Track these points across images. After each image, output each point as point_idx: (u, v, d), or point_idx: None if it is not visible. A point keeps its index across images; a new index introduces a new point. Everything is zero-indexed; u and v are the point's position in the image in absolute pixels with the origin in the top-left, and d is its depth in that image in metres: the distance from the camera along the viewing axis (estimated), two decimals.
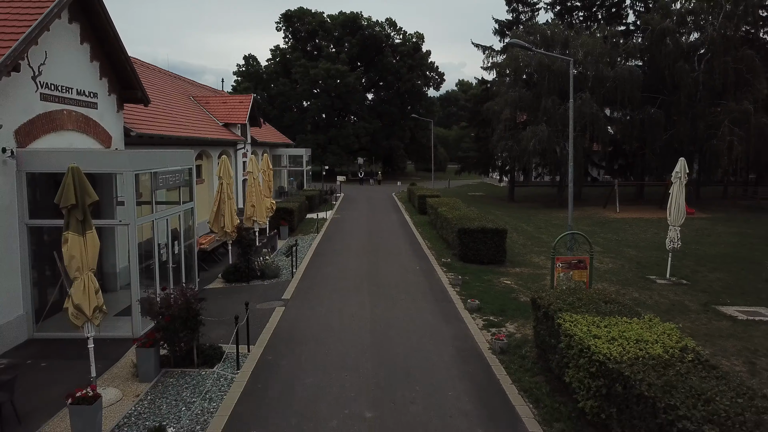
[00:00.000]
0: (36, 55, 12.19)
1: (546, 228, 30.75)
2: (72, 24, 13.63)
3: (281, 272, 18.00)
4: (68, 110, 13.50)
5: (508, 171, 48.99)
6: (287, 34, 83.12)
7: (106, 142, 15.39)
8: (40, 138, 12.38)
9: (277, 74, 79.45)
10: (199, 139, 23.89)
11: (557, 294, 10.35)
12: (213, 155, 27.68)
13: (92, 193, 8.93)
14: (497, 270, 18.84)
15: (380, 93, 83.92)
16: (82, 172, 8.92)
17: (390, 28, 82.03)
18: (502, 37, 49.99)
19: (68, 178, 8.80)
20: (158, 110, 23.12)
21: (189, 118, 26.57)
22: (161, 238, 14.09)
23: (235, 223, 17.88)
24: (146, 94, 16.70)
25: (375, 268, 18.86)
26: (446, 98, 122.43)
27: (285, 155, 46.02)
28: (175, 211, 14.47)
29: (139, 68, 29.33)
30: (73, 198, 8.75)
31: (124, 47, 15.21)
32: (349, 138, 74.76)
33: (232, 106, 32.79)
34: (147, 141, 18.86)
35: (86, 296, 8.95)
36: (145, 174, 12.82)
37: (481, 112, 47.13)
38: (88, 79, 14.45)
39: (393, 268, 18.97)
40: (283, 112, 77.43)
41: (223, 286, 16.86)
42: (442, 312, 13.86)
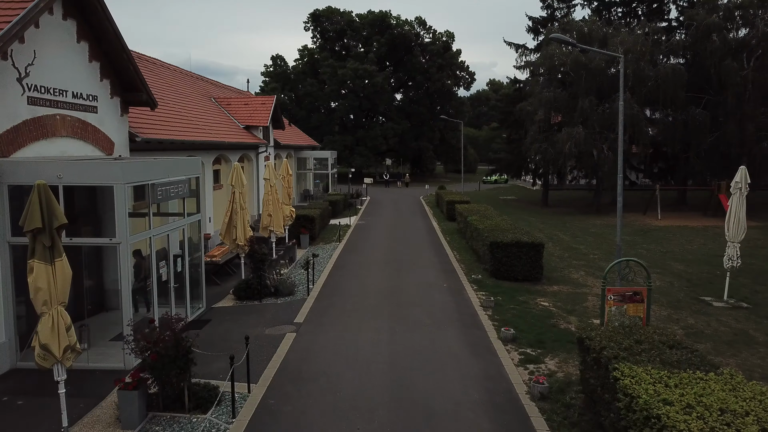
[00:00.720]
0: (22, 55, 11.02)
1: (583, 237, 28.81)
2: (66, 21, 12.46)
3: (297, 289, 16.63)
4: (62, 115, 12.32)
5: (541, 174, 46.94)
6: (315, 33, 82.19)
7: (107, 148, 14.22)
8: (26, 146, 11.21)
9: (304, 74, 78.54)
10: (215, 143, 22.73)
11: (610, 334, 8.70)
12: (233, 159, 26.50)
13: (60, 215, 7.63)
14: (533, 289, 17.14)
15: (409, 93, 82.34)
16: (50, 190, 7.64)
17: (419, 26, 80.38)
18: (536, 35, 47.97)
19: (33, 197, 7.53)
20: (172, 113, 22.01)
21: (207, 121, 25.45)
22: (162, 255, 12.85)
23: (248, 235, 16.57)
24: (152, 97, 15.50)
25: (398, 285, 17.36)
26: (476, 98, 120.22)
27: (310, 158, 44.82)
28: (178, 225, 13.21)
29: (158, 69, 28.45)
30: (39, 220, 7.47)
31: (126, 46, 14.01)
32: (377, 139, 73.38)
33: (254, 108, 31.64)
34: (156, 146, 17.70)
35: (55, 334, 7.67)
36: (144, 185, 11.57)
37: (514, 113, 45.24)
38: (87, 81, 13.28)
39: (418, 285, 17.43)
40: (311, 113, 76.48)
41: (233, 304, 15.56)
42: (472, 342, 12.28)
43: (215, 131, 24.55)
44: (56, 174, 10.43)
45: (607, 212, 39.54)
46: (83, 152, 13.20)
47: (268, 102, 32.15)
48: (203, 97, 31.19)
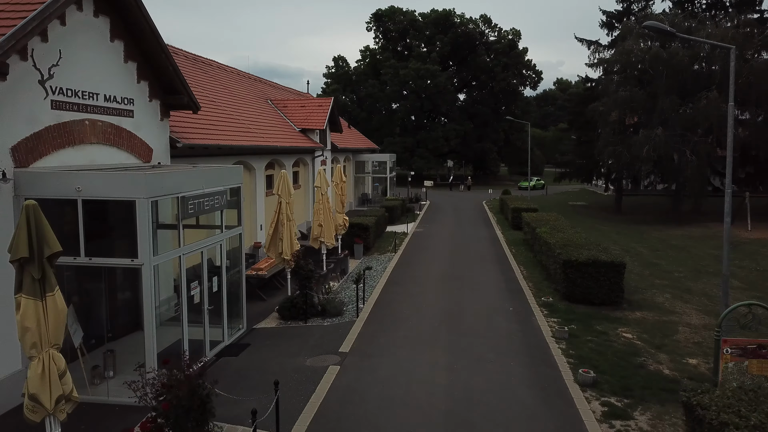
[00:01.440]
0: (45, 55, 10.04)
1: (664, 251, 26.09)
2: (98, 18, 11.47)
3: (345, 309, 15.19)
4: (92, 120, 11.34)
5: (615, 179, 43.83)
6: (377, 34, 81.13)
7: (144, 155, 13.22)
8: (49, 155, 10.24)
9: (366, 75, 77.65)
10: (267, 147, 21.65)
11: (730, 402, 6.75)
12: (286, 164, 25.47)
13: (53, 242, 6.42)
14: (613, 315, 15.02)
15: (472, 93, 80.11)
16: (40, 211, 6.44)
17: (484, 25, 77.97)
18: (610, 30, 44.92)
19: (21, 220, 6.35)
20: (223, 116, 21.08)
21: (261, 124, 24.49)
22: (196, 274, 11.68)
23: (294, 248, 15.28)
24: (194, 99, 14.43)
25: (457, 307, 15.64)
26: (543, 97, 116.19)
27: (369, 161, 43.55)
28: (213, 241, 12.00)
29: (214, 71, 27.79)
30: (26, 248, 6.28)
31: (164, 44, 12.96)
32: (439, 140, 71.51)
33: (310, 111, 30.58)
34: (201, 152, 16.71)
35: (46, 383, 6.48)
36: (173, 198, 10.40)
37: (585, 114, 42.39)
38: (121, 83, 12.29)
39: (480, 307, 15.65)
40: (371, 114, 75.50)
41: (276, 324, 14.28)
42: (544, 385, 10.44)
43: (269, 135, 23.53)
44: (75, 187, 9.38)
45: (689, 221, 36.28)
46: (116, 160, 12.21)
47: (325, 104, 31.02)
48: (260, 99, 30.39)
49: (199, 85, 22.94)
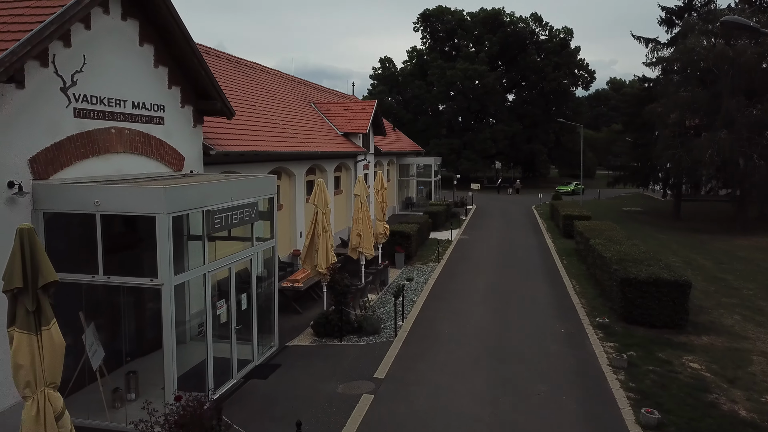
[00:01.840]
0: (68, 61, 9.55)
1: (730, 264, 24.20)
2: (127, 21, 10.96)
3: (383, 326, 14.33)
4: (119, 128, 10.83)
5: (673, 184, 41.51)
6: (425, 34, 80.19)
7: (175, 164, 12.68)
8: (71, 165, 9.74)
9: (412, 76, 76.79)
10: (307, 153, 21.02)
11: None
12: (328, 170, 24.83)
13: (48, 271, 5.79)
14: (676, 340, 13.65)
15: (522, 93, 78.17)
16: (36, 236, 5.82)
17: (535, 23, 75.96)
18: (670, 27, 42.59)
19: (15, 245, 5.74)
20: (263, 121, 20.57)
21: (302, 129, 23.91)
22: (223, 290, 11.04)
23: (330, 261, 14.52)
24: (228, 105, 13.84)
25: (504, 327, 14.56)
26: (595, 97, 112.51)
27: (413, 165, 42.60)
28: (242, 257, 11.32)
29: (257, 74, 27.43)
30: (20, 278, 5.66)
31: (197, 48, 12.40)
32: (486, 142, 69.91)
33: (353, 114, 29.89)
34: (236, 159, 16.15)
35: (41, 426, 5.86)
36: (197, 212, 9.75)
37: (641, 115, 40.26)
38: (151, 89, 11.76)
39: (528, 327, 14.53)
40: (417, 116, 74.58)
41: (310, 342, 13.55)
42: (601, 427, 9.31)
43: (310, 140, 22.91)
44: (93, 201, 8.83)
45: (756, 231, 33.88)
46: (145, 170, 11.69)
47: (368, 107, 30.28)
48: (303, 103, 29.90)
49: (240, 89, 22.54)
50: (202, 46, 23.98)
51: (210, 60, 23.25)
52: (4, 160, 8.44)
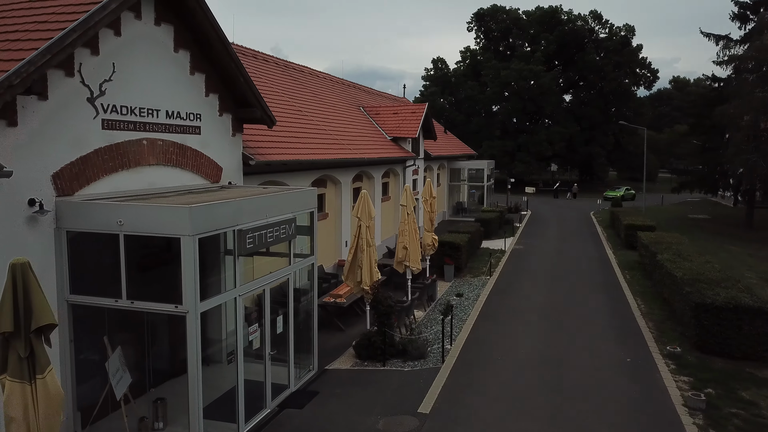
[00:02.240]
0: (95, 69, 9.02)
1: None
2: (161, 26, 10.39)
3: (430, 349, 13.33)
4: (151, 139, 10.27)
5: (746, 191, 38.70)
6: (478, 34, 78.55)
7: (212, 175, 12.08)
8: (99, 180, 9.20)
9: (465, 77, 75.31)
10: (353, 161, 20.24)
11: None
12: (375, 176, 24.02)
13: (44, 313, 5.12)
14: (760, 376, 12.09)
15: (579, 94, 75.47)
16: (30, 272, 5.15)
17: (594, 21, 73.23)
18: (743, 23, 39.70)
19: (6, 284, 5.09)
20: (309, 126, 19.91)
21: (349, 134, 23.17)
22: (256, 314, 10.34)
23: (374, 277, 13.66)
24: (269, 113, 13.17)
25: (562, 353, 13.33)
26: (657, 97, 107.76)
27: (465, 169, 41.32)
28: (278, 277, 10.58)
29: (305, 78, 26.90)
30: (10, 320, 5.02)
31: (234, 54, 11.76)
32: (542, 144, 67.66)
33: (403, 118, 28.99)
34: (279, 168, 15.49)
35: None
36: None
37: (710, 117, 37.69)
38: (187, 97, 11.18)
39: (589, 355, 13.25)
40: (470, 117, 73.05)
41: (352, 365, 12.71)
42: None
43: (357, 146, 22.13)
44: (117, 220, 8.23)
45: None
46: (179, 182, 11.11)
47: (418, 111, 29.30)
48: (352, 106, 29.22)
49: (287, 93, 22.00)
50: (249, 50, 23.61)
51: (257, 64, 22.83)
52: (26, 177, 7.94)
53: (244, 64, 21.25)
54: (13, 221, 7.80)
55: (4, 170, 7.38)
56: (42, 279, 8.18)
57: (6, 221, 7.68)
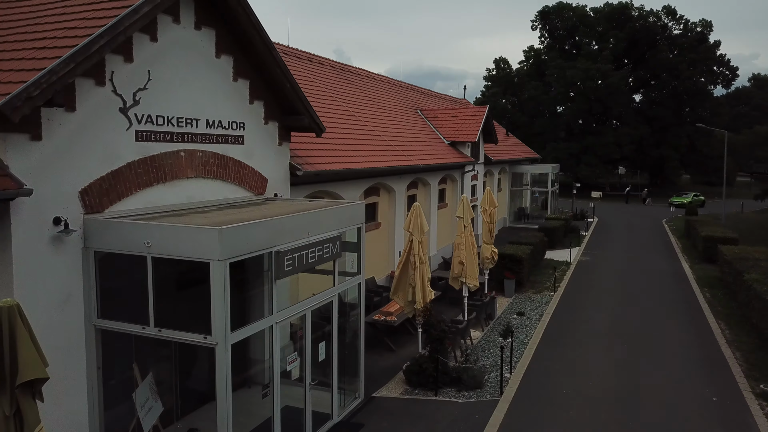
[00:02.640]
0: (129, 78, 8.45)
1: None
2: (201, 30, 9.77)
3: (487, 378, 12.22)
4: (189, 150, 9.66)
5: None
6: (543, 32, 76.03)
7: (256, 187, 11.42)
8: (132, 195, 8.63)
9: (528, 77, 73.08)
10: (408, 168, 19.29)
11: None
12: (431, 183, 22.99)
13: (34, 365, 4.44)
14: None
15: (650, 93, 71.76)
16: (18, 316, 4.47)
17: (667, 17, 69.49)
18: None
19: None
20: (361, 132, 19.12)
21: (404, 139, 22.25)
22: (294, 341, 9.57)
23: (427, 297, 12.67)
24: (317, 120, 12.39)
25: (634, 388, 11.93)
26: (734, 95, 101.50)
27: (527, 173, 39.64)
28: (320, 300, 9.76)
29: (361, 81, 26.21)
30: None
31: (280, 58, 11.04)
32: (609, 146, 64.59)
33: (462, 121, 27.81)
34: (329, 177, 14.72)
35: None
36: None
37: None
38: (229, 105, 10.55)
39: (666, 391, 11.80)
40: (533, 118, 70.76)
41: (401, 392, 11.77)
42: None
43: (413, 152, 21.18)
44: (144, 241, 7.60)
45: None
46: (220, 195, 10.48)
47: (479, 114, 28.05)
48: (409, 109, 28.31)
49: (341, 97, 21.33)
50: (304, 53, 23.09)
51: (312, 67, 22.27)
52: (51, 194, 7.42)
53: (297, 67, 20.85)
54: (36, 242, 7.28)
55: (24, 188, 6.90)
56: (68, 302, 7.78)
57: (28, 242, 7.16)
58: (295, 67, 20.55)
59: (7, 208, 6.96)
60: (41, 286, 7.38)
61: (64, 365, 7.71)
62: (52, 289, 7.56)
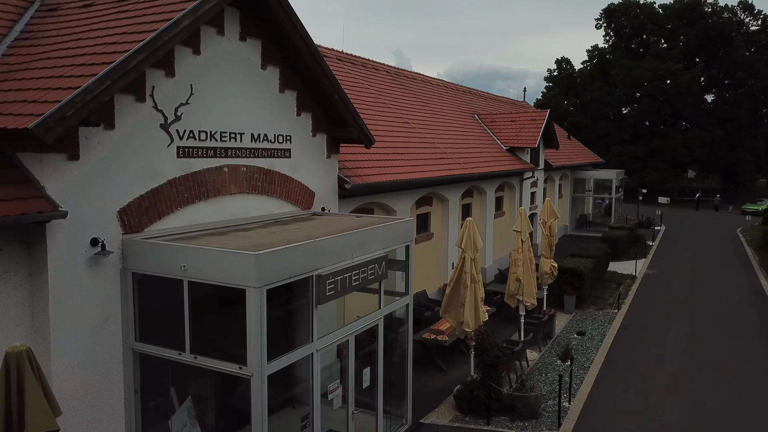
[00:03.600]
0: (171, 92, 8.21)
1: None
2: (246, 41, 9.46)
3: (543, 406, 11.42)
4: (233, 166, 9.38)
5: None
6: (608, 31, 73.29)
7: (302, 202, 11.06)
8: (172, 213, 8.39)
9: (592, 78, 70.54)
10: (463, 177, 18.58)
11: None
12: (488, 191, 22.18)
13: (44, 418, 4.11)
14: None
15: (724, 94, 67.94)
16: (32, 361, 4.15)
17: (743, 12, 65.66)
18: None
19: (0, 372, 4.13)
20: (413, 140, 18.56)
21: (460, 146, 21.54)
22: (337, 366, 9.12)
23: (481, 319, 11.97)
24: (366, 132, 11.93)
25: (714, 425, 10.85)
26: None
27: (590, 179, 38.03)
28: (365, 324, 9.27)
29: (416, 86, 25.69)
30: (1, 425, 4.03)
31: (328, 68, 10.63)
32: (678, 149, 61.51)
33: (521, 126, 26.81)
34: (378, 189, 14.23)
35: None
36: None
37: None
38: (275, 117, 10.22)
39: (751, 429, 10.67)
40: (597, 120, 68.27)
41: (450, 420, 11.15)
42: None
43: (468, 159, 20.45)
44: (181, 264, 7.31)
45: None
46: (264, 211, 10.16)
47: (539, 118, 26.97)
48: (465, 114, 27.56)
49: (395, 104, 20.86)
50: (358, 58, 22.77)
51: (366, 73, 21.91)
52: (88, 214, 7.24)
53: (351, 73, 20.51)
54: (74, 263, 7.10)
55: (58, 210, 6.72)
56: (106, 325, 7.57)
57: (65, 264, 6.99)
58: (349, 73, 20.23)
59: (43, 230, 6.81)
60: (78, 308, 7.20)
61: (101, 389, 7.53)
62: (89, 312, 7.37)
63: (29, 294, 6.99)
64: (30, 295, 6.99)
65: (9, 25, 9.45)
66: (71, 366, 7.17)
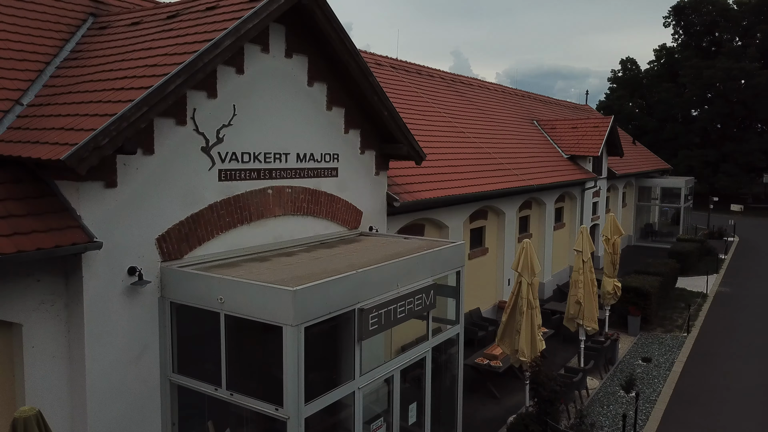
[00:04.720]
0: (212, 114, 7.94)
1: None
2: (292, 58, 9.12)
3: None
4: (277, 187, 9.05)
5: None
6: (677, 30, 69.77)
7: (349, 222, 10.64)
8: (214, 238, 8.11)
9: (659, 78, 67.37)
10: (520, 189, 17.75)
11: None
12: (547, 202, 21.21)
13: None
14: None
15: None
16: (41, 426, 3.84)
17: None
18: None
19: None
20: (467, 152, 17.87)
21: (517, 156, 20.68)
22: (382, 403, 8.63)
23: (538, 348, 11.23)
24: (417, 148, 11.38)
25: None
26: None
27: (656, 187, 36.14)
28: (411, 358, 8.74)
29: (473, 92, 24.99)
30: None
31: (377, 83, 10.16)
32: (753, 154, 57.85)
33: (583, 133, 25.62)
34: (429, 204, 13.65)
35: None
36: None
37: None
38: (322, 136, 9.85)
39: None
40: (664, 123, 65.12)
41: None
42: None
43: (525, 170, 19.58)
44: (218, 296, 6.99)
45: None
46: (311, 232, 9.80)
47: (602, 125, 25.68)
48: (524, 120, 26.60)
49: (449, 112, 20.23)
50: (413, 65, 22.32)
51: (420, 81, 21.40)
52: (126, 243, 7.03)
53: (404, 81, 20.01)
54: (110, 293, 6.90)
55: (93, 242, 6.51)
56: (144, 355, 7.34)
57: (101, 294, 6.80)
58: (402, 82, 19.76)
59: (79, 260, 6.62)
60: (115, 339, 7.00)
61: (137, 421, 7.32)
62: (126, 342, 7.16)
63: (66, 325, 6.83)
64: (67, 326, 6.84)
65: (60, 44, 9.42)
66: (107, 397, 6.97)
